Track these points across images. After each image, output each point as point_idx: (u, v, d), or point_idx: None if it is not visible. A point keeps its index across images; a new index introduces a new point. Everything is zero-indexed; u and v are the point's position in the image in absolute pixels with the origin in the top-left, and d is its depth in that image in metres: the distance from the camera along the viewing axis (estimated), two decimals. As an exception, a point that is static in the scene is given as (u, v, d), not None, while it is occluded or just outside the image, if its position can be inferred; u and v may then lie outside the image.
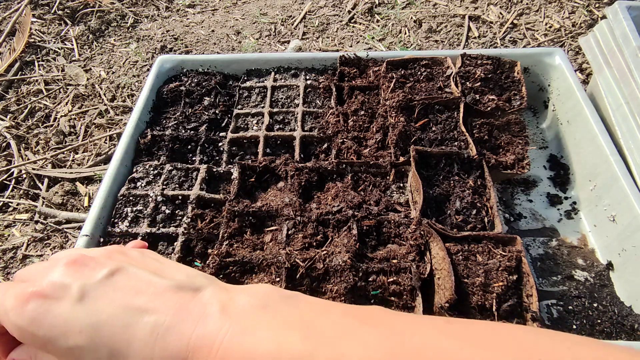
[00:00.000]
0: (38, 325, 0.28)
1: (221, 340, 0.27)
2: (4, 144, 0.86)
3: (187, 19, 1.13)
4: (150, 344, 0.27)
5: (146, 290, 0.29)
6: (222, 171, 0.64)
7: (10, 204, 0.77)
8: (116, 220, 0.59)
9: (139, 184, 0.63)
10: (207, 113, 0.72)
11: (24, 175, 0.81)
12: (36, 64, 1.02)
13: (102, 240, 0.57)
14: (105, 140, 0.86)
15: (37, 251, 0.71)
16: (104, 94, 0.94)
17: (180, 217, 0.59)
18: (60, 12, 1.14)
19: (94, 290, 0.29)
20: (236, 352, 0.26)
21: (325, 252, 0.51)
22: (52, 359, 0.30)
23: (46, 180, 0.80)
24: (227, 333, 0.27)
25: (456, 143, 0.62)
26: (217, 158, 0.68)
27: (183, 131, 0.69)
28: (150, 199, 0.60)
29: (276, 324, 0.28)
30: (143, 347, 0.27)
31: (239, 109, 0.72)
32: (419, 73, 0.70)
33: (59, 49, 1.05)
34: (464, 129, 0.63)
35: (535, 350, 0.25)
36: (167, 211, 0.59)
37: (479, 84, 0.68)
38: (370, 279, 0.49)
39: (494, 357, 0.25)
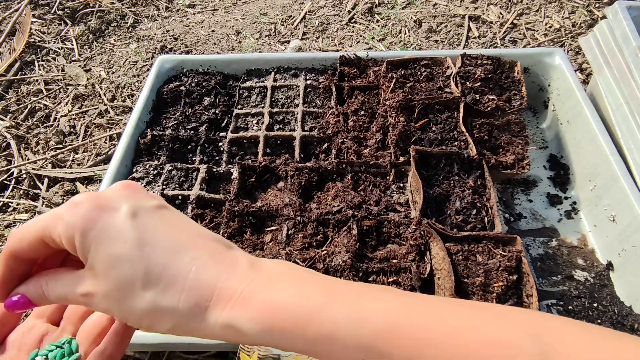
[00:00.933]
0: (91, 225, 0.28)
1: (244, 287, 0.28)
2: (4, 144, 0.86)
3: (187, 19, 1.13)
4: (185, 272, 0.28)
5: (187, 230, 0.31)
6: (222, 171, 0.64)
7: (10, 204, 0.77)
8: (116, 220, 0.59)
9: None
10: (207, 113, 0.72)
11: (24, 175, 0.81)
12: (36, 64, 1.02)
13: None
14: (105, 140, 0.86)
15: (37, 251, 0.71)
16: (104, 94, 0.94)
17: (180, 217, 0.59)
18: (60, 12, 1.14)
19: (144, 213, 0.30)
20: (259, 293, 0.28)
21: (325, 252, 0.51)
22: (69, 281, 0.31)
23: (46, 180, 0.80)
24: (252, 282, 0.29)
25: (456, 143, 0.62)
26: (217, 158, 0.68)
27: (183, 131, 0.69)
28: (150, 199, 0.60)
29: (298, 281, 0.30)
30: (177, 274, 0.28)
31: (239, 109, 0.72)
32: (419, 73, 0.70)
33: (59, 49, 1.05)
34: (464, 129, 0.63)
35: (546, 325, 0.26)
36: (167, 211, 0.59)
37: (479, 84, 0.68)
38: (370, 279, 0.49)
39: (504, 323, 0.26)
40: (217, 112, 0.72)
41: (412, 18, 1.04)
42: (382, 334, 0.26)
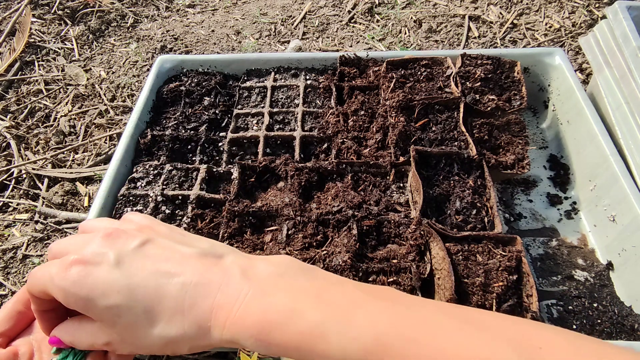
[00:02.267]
0: (80, 286, 0.30)
1: (241, 301, 0.30)
2: (4, 144, 0.86)
3: (187, 19, 1.13)
4: (180, 300, 0.30)
5: (173, 257, 0.32)
6: (222, 171, 0.64)
7: (10, 204, 0.77)
8: (116, 220, 0.59)
9: (139, 184, 0.63)
10: (207, 113, 0.72)
11: (24, 175, 0.81)
12: (36, 64, 1.02)
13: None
14: (105, 140, 0.86)
15: (37, 251, 0.71)
16: (104, 94, 0.94)
17: (180, 217, 0.59)
18: (60, 12, 1.14)
19: (128, 257, 0.32)
20: (253, 312, 0.29)
21: (325, 252, 0.51)
22: (91, 332, 0.33)
23: (46, 180, 0.80)
24: (247, 295, 0.30)
25: (456, 143, 0.62)
26: (217, 158, 0.68)
27: (183, 131, 0.69)
28: (150, 199, 0.60)
29: (292, 291, 0.30)
30: (173, 303, 0.30)
31: (239, 109, 0.72)
32: (419, 73, 0.70)
33: (59, 49, 1.05)
34: (464, 129, 0.63)
35: (535, 339, 0.26)
36: (167, 211, 0.59)
37: (479, 84, 0.68)
38: (370, 279, 0.49)
39: (490, 338, 0.26)
40: (217, 112, 0.72)
41: (412, 18, 1.04)
42: (371, 353, 0.27)
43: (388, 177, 0.62)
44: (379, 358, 0.27)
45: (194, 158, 0.67)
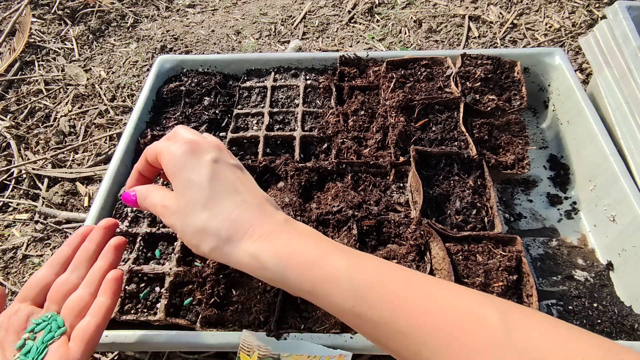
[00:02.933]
0: (185, 156, 0.39)
1: (274, 230, 0.37)
2: (4, 144, 0.86)
3: (187, 19, 1.13)
4: (232, 209, 0.38)
5: (248, 185, 0.41)
6: (222, 171, 0.64)
7: (10, 204, 0.77)
8: (116, 220, 0.59)
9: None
10: (207, 113, 0.72)
11: (24, 175, 0.81)
12: (36, 64, 1.02)
13: (102, 240, 0.57)
14: (105, 140, 0.86)
15: (37, 251, 0.71)
16: (104, 94, 0.94)
17: (180, 217, 0.59)
18: (60, 12, 1.14)
19: (223, 164, 0.40)
20: (284, 238, 0.36)
21: (325, 252, 0.51)
22: (162, 194, 0.41)
23: (46, 180, 0.80)
24: (282, 230, 0.37)
25: (456, 143, 0.62)
26: (217, 158, 0.68)
27: (183, 131, 0.69)
28: (150, 199, 0.60)
29: (318, 237, 0.38)
30: (228, 207, 0.38)
31: (239, 109, 0.72)
32: (419, 73, 0.70)
33: (59, 49, 1.05)
34: (464, 129, 0.63)
35: (519, 308, 0.30)
36: (167, 211, 0.59)
37: (479, 84, 0.68)
38: (370, 279, 0.49)
39: (477, 295, 0.31)
40: (217, 112, 0.72)
41: (412, 18, 1.04)
42: (373, 286, 0.32)
43: (388, 177, 0.62)
44: (378, 292, 0.32)
45: (194, 158, 0.67)
